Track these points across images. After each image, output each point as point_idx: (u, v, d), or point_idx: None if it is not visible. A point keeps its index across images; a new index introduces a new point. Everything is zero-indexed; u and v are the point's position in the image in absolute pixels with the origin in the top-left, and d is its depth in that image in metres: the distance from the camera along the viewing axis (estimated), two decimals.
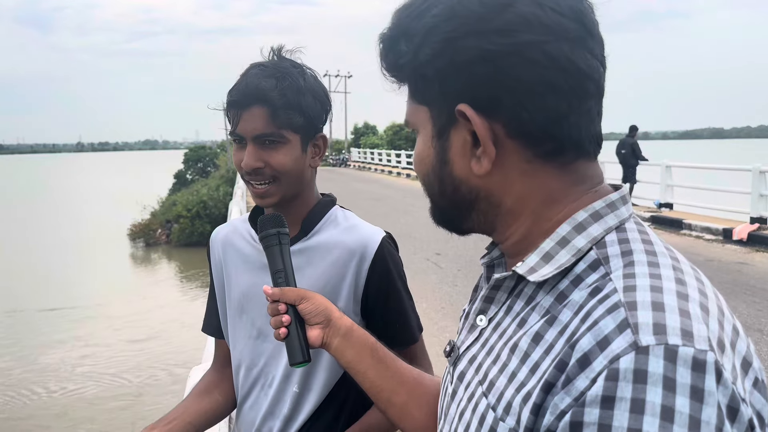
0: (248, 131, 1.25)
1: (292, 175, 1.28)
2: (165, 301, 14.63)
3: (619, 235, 0.66)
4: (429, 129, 0.72)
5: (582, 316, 0.59)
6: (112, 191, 47.49)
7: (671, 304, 0.55)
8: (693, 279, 0.61)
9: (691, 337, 0.52)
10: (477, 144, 0.67)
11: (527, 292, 0.69)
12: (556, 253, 0.66)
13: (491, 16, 0.64)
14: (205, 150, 46.63)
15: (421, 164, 0.75)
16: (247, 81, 1.26)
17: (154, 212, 26.79)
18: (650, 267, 0.60)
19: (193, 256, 20.94)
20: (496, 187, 0.69)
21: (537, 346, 0.62)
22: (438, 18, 0.66)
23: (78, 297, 15.15)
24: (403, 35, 0.70)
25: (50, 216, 33.46)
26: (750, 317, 6.35)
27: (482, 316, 0.75)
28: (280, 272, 1.11)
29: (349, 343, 1.04)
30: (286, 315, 1.04)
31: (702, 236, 11.40)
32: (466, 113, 0.66)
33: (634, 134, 14.86)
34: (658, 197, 14.29)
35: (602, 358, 0.53)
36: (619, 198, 0.69)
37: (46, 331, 12.49)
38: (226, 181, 27.94)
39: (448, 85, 0.67)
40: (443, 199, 0.74)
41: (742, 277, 8.10)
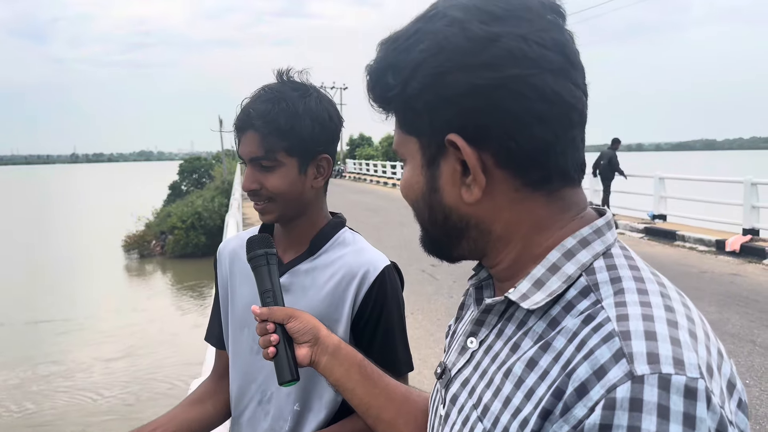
0: (245, 154, 1.31)
1: (288, 197, 1.31)
2: (157, 314, 14.53)
3: (607, 261, 0.68)
4: (418, 158, 0.73)
5: (577, 344, 0.60)
6: (107, 202, 47.36)
7: (663, 332, 0.57)
8: (680, 305, 0.64)
9: (683, 366, 0.55)
10: (466, 173, 0.69)
11: (518, 317, 0.70)
12: (547, 279, 0.68)
13: (478, 50, 0.65)
14: (201, 161, 46.55)
15: (411, 192, 0.76)
16: (246, 106, 1.31)
17: (148, 223, 26.72)
18: (640, 294, 0.63)
19: (188, 267, 20.88)
20: (486, 214, 0.71)
21: (531, 371, 0.64)
22: (426, 53, 0.67)
23: (68, 309, 15.05)
24: (391, 68, 0.71)
25: (44, 227, 33.32)
26: (743, 328, 6.38)
27: (473, 339, 0.76)
28: (268, 292, 1.12)
29: (338, 360, 1.05)
30: (275, 334, 1.05)
31: (695, 248, 11.46)
32: (457, 143, 0.67)
33: (615, 147, 14.93)
34: (651, 209, 14.37)
35: (599, 387, 0.55)
36: (605, 224, 0.71)
37: (30, 345, 12.40)
38: (221, 193, 27.92)
39: (437, 117, 0.68)
40: (434, 226, 0.75)
41: (735, 288, 8.14)
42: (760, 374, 5.21)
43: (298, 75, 1.36)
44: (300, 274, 1.35)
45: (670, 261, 10.15)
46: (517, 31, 0.65)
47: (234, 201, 15.87)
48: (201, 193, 31.64)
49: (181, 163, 45.38)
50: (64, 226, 33.75)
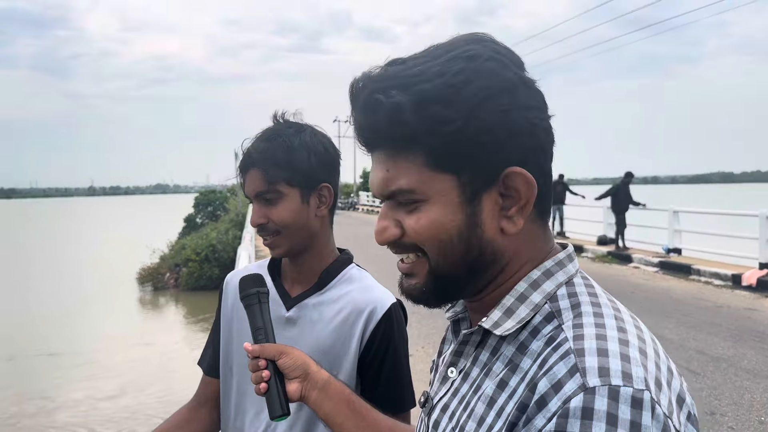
0: (250, 191, 1.38)
1: (294, 227, 1.37)
2: (166, 349, 14.41)
3: (569, 289, 0.74)
4: (454, 195, 0.72)
5: (539, 363, 0.66)
6: (123, 235, 47.74)
7: (614, 349, 0.63)
8: (632, 327, 0.69)
9: (631, 379, 0.60)
10: (505, 205, 0.73)
11: (492, 344, 0.76)
12: (517, 308, 0.74)
13: (530, 93, 0.74)
14: (215, 194, 46.95)
15: (441, 232, 0.73)
16: (247, 149, 1.39)
17: (163, 256, 26.86)
18: (595, 317, 0.69)
19: (201, 300, 20.87)
20: (512, 246, 0.75)
21: (502, 392, 0.69)
22: (489, 90, 0.70)
23: (78, 342, 15.04)
24: (440, 101, 0.70)
25: (61, 259, 33.63)
26: (758, 363, 6.27)
27: (453, 369, 0.81)
28: (260, 330, 1.16)
29: (327, 395, 1.09)
30: (266, 370, 1.09)
31: (711, 282, 11.32)
32: (524, 176, 0.72)
33: (628, 180, 14.91)
34: (666, 242, 14.25)
35: (557, 400, 0.61)
36: (566, 257, 0.78)
37: (31, 379, 12.32)
38: (235, 225, 28.05)
39: (500, 152, 0.71)
40: (462, 265, 0.75)
41: (751, 323, 8.02)
42: None
43: (293, 116, 1.44)
44: (308, 308, 1.39)
45: (685, 295, 10.03)
46: (531, 77, 0.76)
47: (246, 234, 15.94)
48: (215, 225, 31.81)
49: (197, 196, 45.79)
50: (80, 258, 33.99)
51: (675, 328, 7.82)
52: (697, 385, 5.74)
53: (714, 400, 5.36)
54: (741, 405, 5.25)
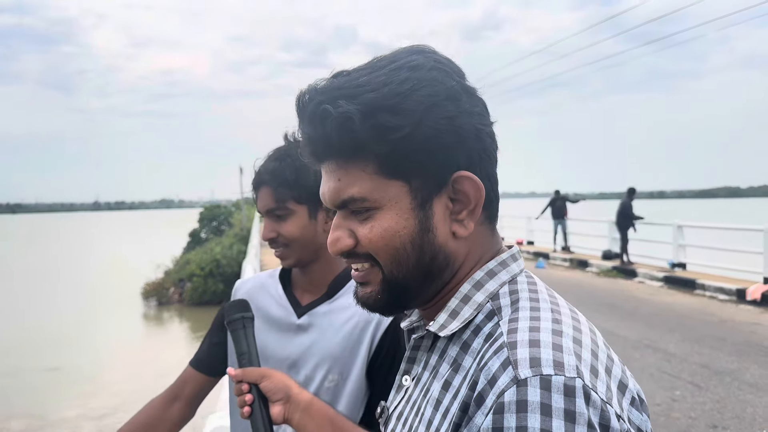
0: (261, 208, 1.46)
1: (302, 241, 1.44)
2: (166, 364, 14.29)
3: (511, 287, 0.76)
4: (406, 202, 0.73)
5: (478, 360, 0.68)
6: (128, 250, 47.81)
7: (546, 340, 0.64)
8: (569, 318, 0.70)
9: (562, 367, 0.61)
10: (455, 209, 0.75)
11: (440, 347, 0.77)
12: (461, 309, 0.75)
13: (473, 100, 0.76)
14: (220, 209, 47.05)
15: (394, 238, 0.74)
16: (259, 168, 1.47)
17: (167, 271, 26.87)
18: (531, 311, 0.70)
19: (205, 315, 20.85)
20: (463, 250, 0.77)
21: (446, 392, 0.70)
22: (434, 98, 0.71)
23: (79, 358, 14.95)
24: (387, 110, 0.70)
25: (65, 274, 33.69)
26: (762, 378, 6.26)
27: (407, 376, 0.83)
28: (244, 354, 1.20)
29: (309, 416, 1.12)
30: (249, 394, 1.12)
31: (716, 296, 11.30)
32: (472, 180, 0.73)
33: (631, 197, 14.91)
34: (671, 257, 14.23)
35: (492, 395, 0.62)
36: (510, 257, 0.79)
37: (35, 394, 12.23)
38: (240, 240, 28.08)
39: (448, 157, 0.73)
40: (415, 271, 0.75)
41: (755, 338, 8.00)
42: None
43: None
44: (318, 316, 1.45)
45: (690, 310, 10.01)
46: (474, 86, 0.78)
47: (252, 248, 15.98)
48: (220, 240, 31.85)
49: (202, 211, 45.87)
50: (84, 273, 34.06)
51: (679, 343, 7.80)
52: (701, 398, 5.73)
53: (717, 414, 5.35)
54: (743, 419, 5.24)
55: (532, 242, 21.73)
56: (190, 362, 1.60)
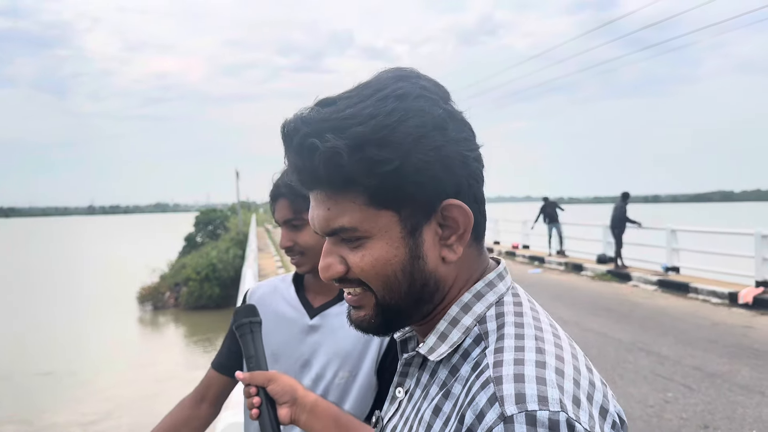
0: (279, 218, 1.55)
1: (317, 249, 1.51)
2: (160, 369, 14.19)
3: (497, 309, 0.77)
4: (396, 231, 0.74)
5: (466, 391, 0.69)
6: (123, 254, 47.70)
7: (530, 374, 0.66)
8: (551, 345, 0.71)
9: (546, 402, 0.63)
10: (444, 235, 0.76)
11: (431, 366, 0.80)
12: (449, 332, 0.77)
13: (459, 127, 0.76)
14: (216, 213, 47.02)
15: (386, 267, 0.75)
16: (276, 180, 1.56)
17: (163, 275, 26.85)
18: (516, 339, 0.71)
19: (201, 319, 20.83)
20: (452, 273, 0.78)
21: (437, 418, 0.72)
22: (422, 128, 0.72)
23: (73, 363, 14.89)
24: (376, 143, 0.70)
25: (60, 279, 33.62)
26: (752, 380, 6.36)
27: (400, 389, 0.86)
28: (251, 358, 1.26)
29: (315, 416, 1.18)
30: (257, 397, 1.18)
31: (708, 300, 11.41)
32: (461, 207, 0.74)
33: (625, 201, 15.02)
34: (664, 261, 14.35)
35: (480, 431, 0.63)
36: (496, 276, 0.80)
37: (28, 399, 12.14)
38: (236, 244, 28.07)
39: (437, 186, 0.73)
40: (407, 297, 0.77)
41: (747, 341, 8.11)
42: (767, 425, 5.20)
43: None
44: (330, 317, 1.54)
45: (683, 313, 10.12)
46: (452, 99, 0.79)
47: (251, 252, 16.02)
48: (216, 244, 31.83)
49: (197, 215, 45.82)
50: (79, 278, 33.98)
51: (672, 345, 7.91)
52: (693, 400, 5.82)
53: (708, 415, 5.45)
54: (734, 419, 5.33)
55: (527, 246, 21.85)
56: (212, 364, 1.68)
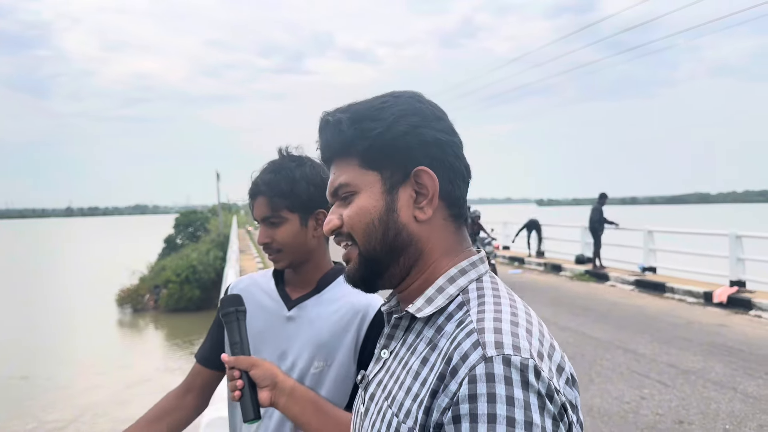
0: (257, 215, 1.61)
1: (294, 246, 1.59)
2: (138, 372, 14.10)
3: (478, 284, 0.93)
4: (378, 187, 0.94)
5: (451, 340, 0.83)
6: (102, 256, 47.24)
7: (506, 329, 0.81)
8: (523, 313, 0.87)
9: (519, 350, 0.77)
10: (418, 199, 0.94)
11: (417, 329, 0.93)
12: (436, 297, 0.92)
13: (437, 119, 0.96)
14: (196, 214, 46.70)
15: (366, 215, 0.94)
16: (255, 178, 1.62)
17: (142, 277, 26.61)
18: (495, 305, 0.87)
19: (181, 322, 20.67)
20: (424, 234, 0.94)
21: (424, 366, 0.85)
22: (404, 111, 0.94)
23: (51, 367, 14.74)
24: (368, 119, 0.94)
25: (37, 281, 33.21)
26: (726, 376, 6.52)
27: (385, 350, 0.99)
28: (236, 344, 1.34)
29: (294, 400, 1.28)
30: (240, 380, 1.26)
31: (684, 299, 11.62)
32: (428, 173, 0.93)
33: (602, 202, 15.22)
34: (641, 261, 14.57)
35: (464, 368, 0.77)
36: (478, 259, 0.97)
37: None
38: (217, 246, 27.92)
39: (411, 155, 0.93)
40: (383, 243, 0.94)
41: (720, 339, 8.29)
42: (739, 420, 5.33)
43: (295, 150, 1.67)
44: (307, 309, 1.60)
45: (659, 312, 10.30)
46: (449, 120, 0.99)
47: (232, 254, 16.00)
48: (196, 246, 31.63)
49: (177, 217, 45.44)
50: (57, 280, 33.60)
51: (648, 344, 8.06)
52: (668, 396, 5.96)
53: (683, 410, 5.58)
54: (708, 414, 5.47)
55: (507, 247, 22.02)
56: (195, 357, 1.73)
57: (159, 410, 1.65)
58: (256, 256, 21.26)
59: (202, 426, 2.68)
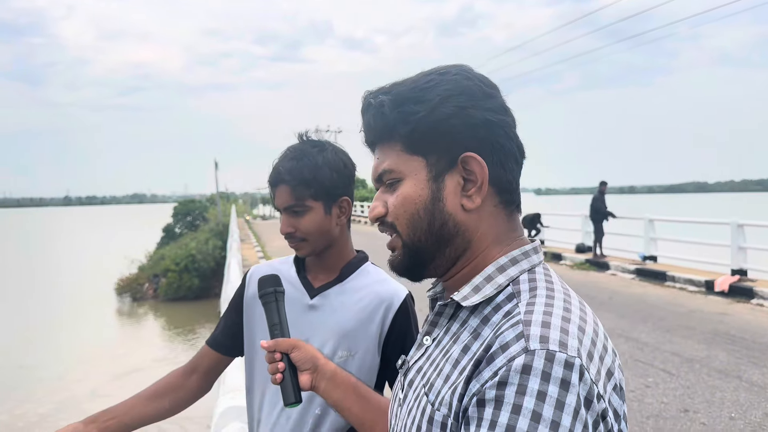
0: (280, 204, 1.55)
1: (317, 235, 1.54)
2: (143, 364, 14.05)
3: (530, 275, 0.87)
4: (423, 174, 0.89)
5: (495, 331, 0.79)
6: (100, 245, 47.18)
7: (556, 323, 0.76)
8: (578, 309, 0.82)
9: (566, 347, 0.72)
10: (466, 186, 0.88)
11: (462, 317, 0.89)
12: (483, 286, 0.87)
13: (487, 98, 0.88)
14: (195, 203, 46.65)
15: (411, 204, 0.89)
16: (276, 165, 1.55)
17: (141, 266, 26.61)
18: (547, 298, 0.81)
19: (180, 311, 20.67)
20: (472, 223, 0.89)
21: (465, 355, 0.82)
22: (450, 91, 0.87)
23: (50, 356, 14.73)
24: (412, 100, 0.88)
25: (36, 270, 33.17)
26: (729, 365, 6.50)
27: (428, 337, 0.95)
28: (276, 325, 1.29)
29: (334, 384, 1.22)
30: (281, 362, 1.22)
31: (685, 288, 11.60)
32: (476, 159, 0.86)
33: (603, 190, 15.14)
34: (642, 250, 14.55)
35: (503, 357, 0.73)
36: (532, 248, 0.91)
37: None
38: (216, 235, 27.90)
39: (457, 139, 0.87)
40: (428, 234, 0.89)
41: (723, 327, 8.27)
42: (744, 408, 5.32)
43: (315, 134, 1.61)
44: (330, 297, 1.56)
45: (660, 301, 10.28)
46: (500, 95, 0.92)
47: (233, 243, 16.01)
48: (195, 235, 31.62)
49: (176, 206, 45.42)
50: (56, 269, 33.57)
51: (651, 332, 8.04)
52: (672, 384, 5.94)
53: (687, 399, 5.56)
54: (713, 403, 5.45)
55: None
56: (206, 341, 1.69)
57: (162, 386, 1.61)
58: (256, 245, 21.21)
59: (216, 416, 2.65)
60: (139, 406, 1.55)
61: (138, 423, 1.52)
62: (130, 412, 1.52)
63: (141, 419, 1.53)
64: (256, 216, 61.83)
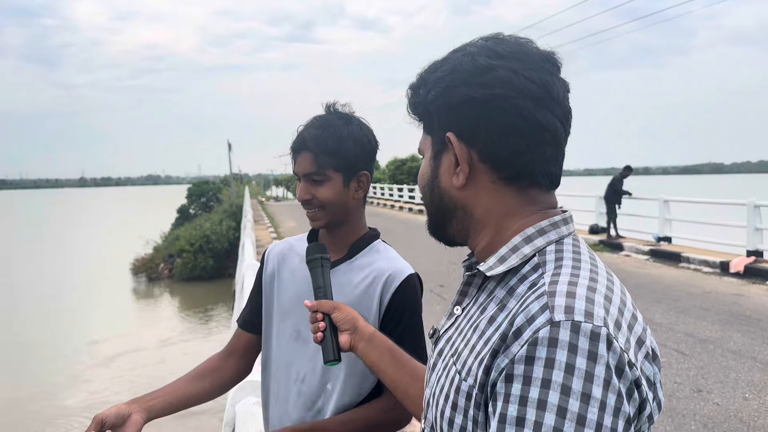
0: (300, 171, 1.57)
1: (335, 205, 1.56)
2: (150, 341, 14.28)
3: (557, 246, 0.87)
4: (430, 152, 0.95)
5: (520, 303, 0.79)
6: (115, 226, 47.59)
7: (581, 293, 0.76)
8: (605, 279, 0.82)
9: (592, 317, 0.72)
10: (458, 164, 0.90)
11: (489, 288, 0.90)
12: (509, 257, 0.87)
13: (478, 74, 0.87)
14: (209, 185, 46.90)
15: (422, 179, 0.98)
16: (301, 132, 1.57)
17: (156, 246, 26.85)
18: (573, 269, 0.82)
19: (196, 291, 20.88)
20: (469, 199, 0.92)
21: (491, 326, 0.82)
22: (444, 72, 0.90)
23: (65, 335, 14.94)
24: (423, 83, 0.94)
25: (52, 251, 33.56)
26: (744, 345, 6.49)
27: (458, 307, 0.96)
28: (320, 288, 1.39)
29: (372, 346, 1.27)
30: (323, 322, 1.28)
31: (700, 269, 11.55)
32: (451, 139, 0.89)
33: (625, 174, 15.05)
34: (657, 231, 14.48)
35: (529, 331, 0.73)
36: (561, 219, 0.90)
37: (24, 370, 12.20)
38: (229, 216, 28.04)
39: (442, 119, 0.91)
40: (433, 206, 0.97)
41: (738, 308, 8.24)
42: (759, 388, 5.32)
43: (342, 107, 1.63)
44: (338, 274, 1.58)
45: (675, 282, 10.25)
46: (511, 66, 0.87)
47: (247, 222, 16.15)
48: (209, 216, 31.80)
49: (190, 187, 45.71)
50: (71, 250, 33.93)
51: (665, 313, 8.03)
52: (686, 365, 5.94)
53: (701, 379, 5.57)
54: (726, 383, 5.46)
55: None
56: (237, 322, 1.75)
57: (202, 369, 1.66)
58: (269, 225, 21.31)
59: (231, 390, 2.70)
60: (183, 387, 1.59)
61: (181, 403, 1.56)
62: (174, 392, 1.56)
63: (184, 399, 1.57)
64: (270, 197, 62.08)
